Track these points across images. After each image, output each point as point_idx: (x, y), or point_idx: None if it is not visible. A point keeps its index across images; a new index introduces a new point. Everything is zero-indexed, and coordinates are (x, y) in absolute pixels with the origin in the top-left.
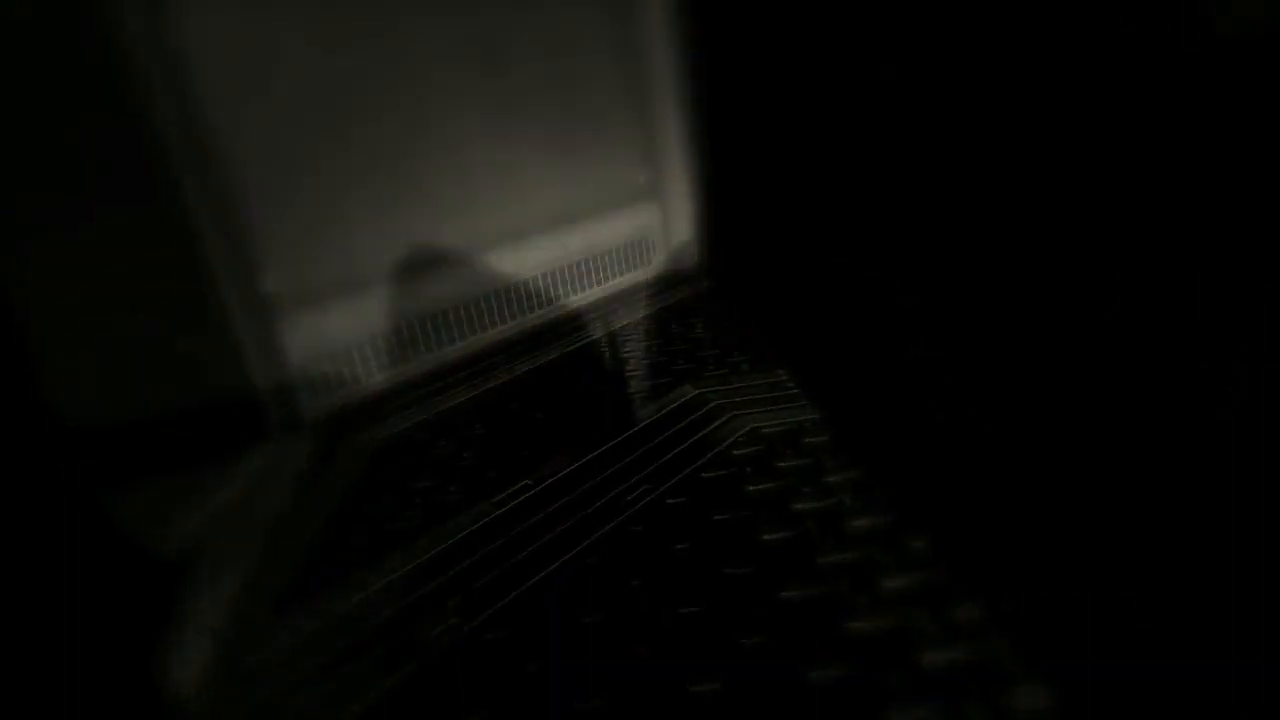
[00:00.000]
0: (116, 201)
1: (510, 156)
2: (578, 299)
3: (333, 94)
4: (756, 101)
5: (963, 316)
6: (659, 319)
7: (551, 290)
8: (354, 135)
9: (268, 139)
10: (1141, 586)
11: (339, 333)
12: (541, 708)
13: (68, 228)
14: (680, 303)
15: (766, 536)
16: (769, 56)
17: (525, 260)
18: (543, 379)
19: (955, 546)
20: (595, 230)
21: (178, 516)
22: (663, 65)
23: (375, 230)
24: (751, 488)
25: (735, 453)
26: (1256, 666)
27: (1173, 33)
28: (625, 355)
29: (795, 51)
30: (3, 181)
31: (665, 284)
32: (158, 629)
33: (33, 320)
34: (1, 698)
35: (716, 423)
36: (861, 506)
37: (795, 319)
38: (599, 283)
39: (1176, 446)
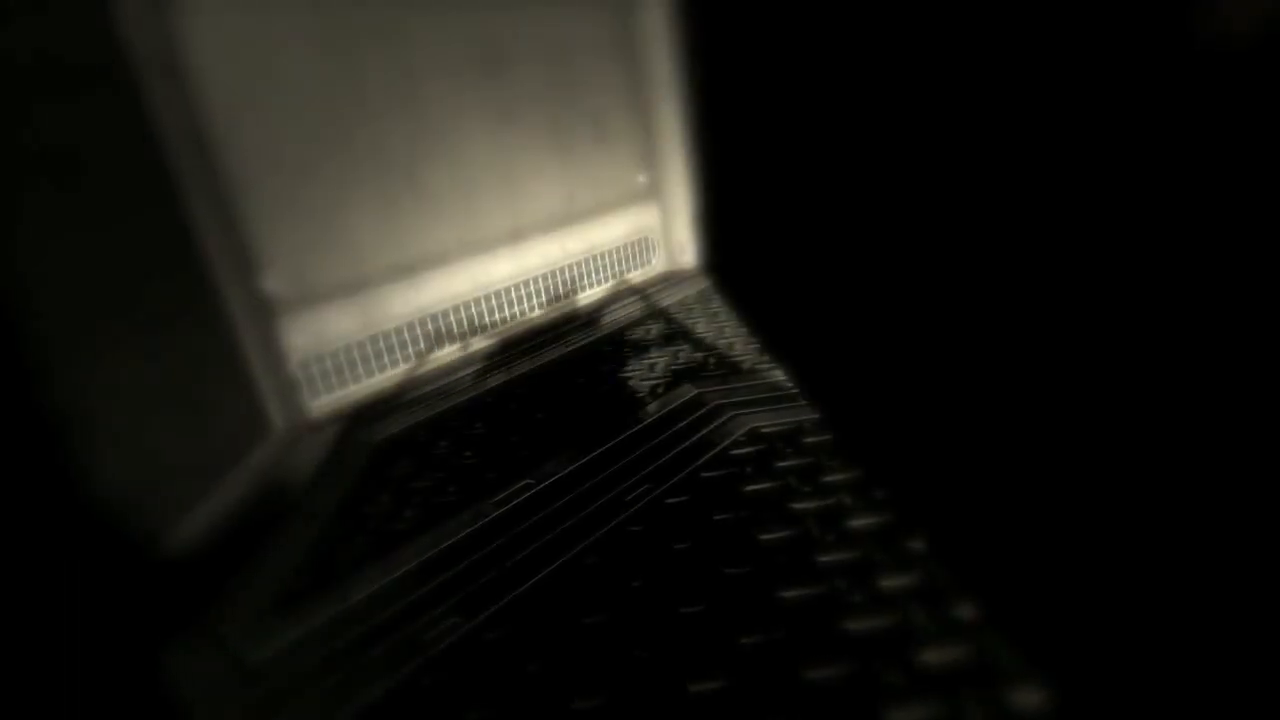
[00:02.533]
0: (117, 201)
1: (511, 157)
2: (578, 299)
3: (335, 95)
4: (756, 102)
5: (962, 316)
6: (659, 318)
7: (552, 290)
8: (356, 136)
9: (270, 140)
10: (1139, 584)
11: (340, 332)
12: (541, 707)
13: (68, 226)
14: (680, 302)
15: (766, 536)
16: (767, 56)
17: (526, 260)
18: (543, 379)
19: (953, 545)
20: (596, 230)
21: (180, 516)
22: (663, 66)
23: (377, 230)
24: (751, 487)
25: (735, 452)
26: (1255, 664)
27: (1161, 41)
28: (625, 355)
29: (793, 51)
30: (6, 183)
31: (665, 283)
32: (160, 629)
33: (34, 321)
34: (5, 699)
35: (716, 422)
36: (860, 506)
37: (795, 318)
38: (599, 282)
39: (1175, 445)
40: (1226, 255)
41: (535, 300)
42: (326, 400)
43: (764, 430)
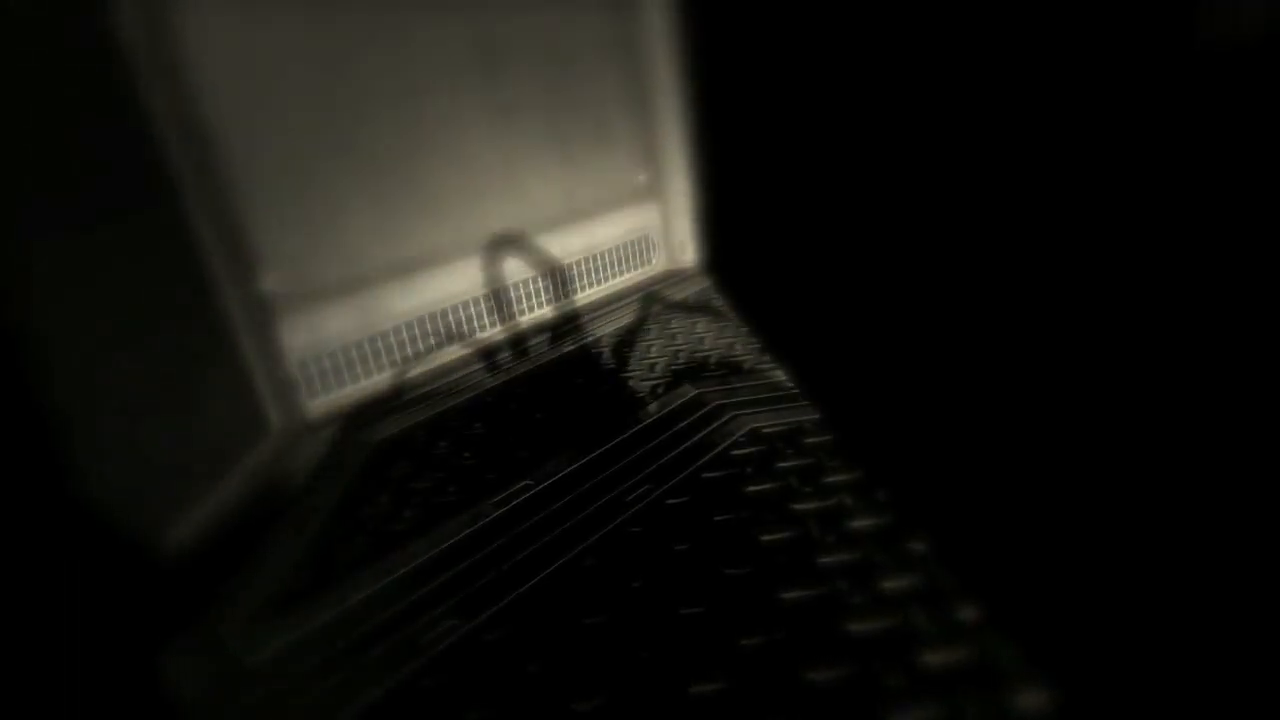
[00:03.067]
0: (115, 202)
1: (511, 156)
2: (578, 298)
3: (335, 95)
4: (756, 100)
5: (964, 316)
6: (659, 318)
7: (551, 289)
8: (355, 136)
9: (270, 140)
10: (1141, 586)
11: (339, 332)
12: (541, 708)
13: (67, 229)
14: (680, 302)
15: (766, 537)
16: (768, 56)
17: (525, 260)
18: (542, 379)
19: (955, 547)
20: (596, 229)
21: (178, 516)
22: (663, 66)
23: (376, 230)
24: (752, 488)
25: (735, 453)
26: (1255, 665)
27: (1162, 40)
28: (625, 355)
29: (794, 51)
30: (3, 183)
31: (665, 283)
32: (157, 630)
33: (34, 321)
34: (5, 699)
35: (717, 423)
36: (862, 507)
37: (796, 318)
38: (599, 282)
39: (1176, 445)
40: (1226, 255)
41: (536, 299)
42: (325, 400)
43: (765, 431)
